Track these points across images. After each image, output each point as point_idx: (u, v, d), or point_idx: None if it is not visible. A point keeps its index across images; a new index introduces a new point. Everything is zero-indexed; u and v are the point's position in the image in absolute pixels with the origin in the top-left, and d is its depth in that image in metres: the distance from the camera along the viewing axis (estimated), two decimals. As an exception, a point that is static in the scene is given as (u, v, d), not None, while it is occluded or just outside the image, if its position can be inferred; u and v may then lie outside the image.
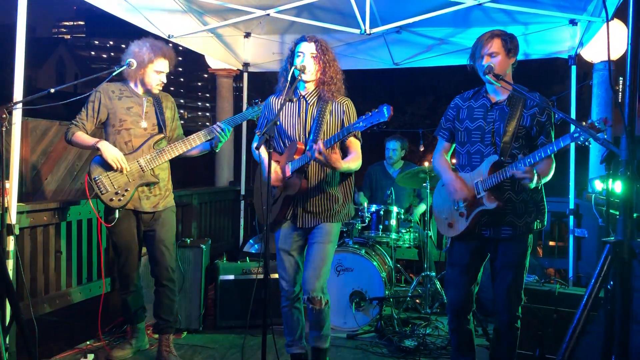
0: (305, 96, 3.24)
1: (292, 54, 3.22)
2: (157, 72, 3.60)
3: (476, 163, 3.06)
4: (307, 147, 3.13)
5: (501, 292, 3.08)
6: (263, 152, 3.20)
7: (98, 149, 3.49)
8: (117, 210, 3.58)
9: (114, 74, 3.47)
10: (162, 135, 3.67)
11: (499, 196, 2.96)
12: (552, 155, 2.88)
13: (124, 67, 3.48)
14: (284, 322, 3.43)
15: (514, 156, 2.95)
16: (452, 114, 3.21)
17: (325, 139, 3.00)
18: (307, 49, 3.17)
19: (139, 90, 3.67)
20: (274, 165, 3.15)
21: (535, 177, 2.79)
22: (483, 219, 3.03)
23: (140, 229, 3.70)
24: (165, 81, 3.66)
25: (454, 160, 3.37)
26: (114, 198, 3.53)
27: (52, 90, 3.12)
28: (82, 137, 3.56)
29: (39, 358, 3.11)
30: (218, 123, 3.65)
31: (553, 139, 2.93)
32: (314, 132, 3.17)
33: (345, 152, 3.27)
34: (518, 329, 3.15)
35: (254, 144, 3.29)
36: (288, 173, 3.17)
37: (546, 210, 3.11)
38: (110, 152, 3.48)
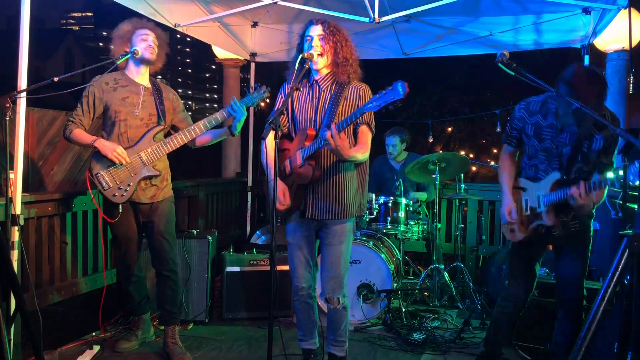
0: (319, 81, 3.10)
1: (301, 40, 3.09)
2: (142, 39, 3.50)
3: (542, 177, 3.11)
4: (320, 132, 2.98)
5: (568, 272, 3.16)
6: (269, 143, 3.09)
7: (95, 148, 3.45)
8: (119, 205, 3.54)
9: (118, 62, 3.42)
10: (161, 127, 3.60)
11: (559, 214, 3.03)
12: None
13: (129, 55, 3.42)
14: (296, 315, 3.37)
15: (581, 171, 2.99)
16: (519, 125, 3.19)
17: (336, 123, 2.84)
18: (315, 32, 3.02)
19: (135, 75, 3.59)
20: (280, 187, 3.07)
21: (590, 201, 2.87)
22: (542, 229, 3.11)
23: (139, 220, 3.67)
24: (152, 44, 3.52)
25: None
26: (116, 193, 3.48)
27: (56, 79, 3.08)
28: (80, 135, 3.50)
29: (43, 349, 3.09)
30: (231, 102, 3.46)
31: (614, 159, 2.96)
32: (327, 116, 3.02)
33: (356, 141, 3.11)
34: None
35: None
36: (299, 161, 3.04)
37: None
38: (107, 147, 3.42)
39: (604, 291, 1.89)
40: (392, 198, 4.89)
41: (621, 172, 2.56)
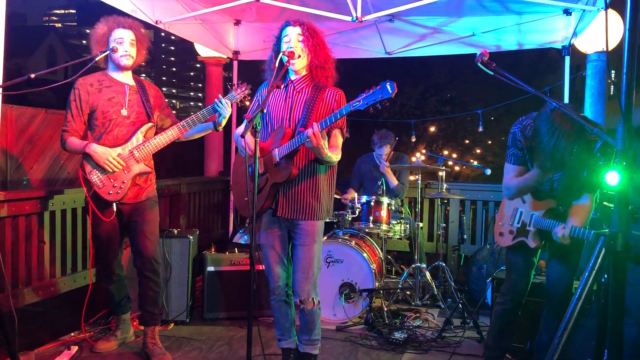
0: (294, 82, 3.07)
1: (278, 41, 3.06)
2: (118, 42, 3.44)
3: (536, 194, 3.15)
4: (297, 132, 2.98)
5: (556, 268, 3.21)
6: (249, 141, 3.01)
7: (87, 154, 3.40)
8: (114, 204, 3.50)
9: (97, 59, 3.37)
10: (151, 124, 3.57)
11: (543, 238, 3.10)
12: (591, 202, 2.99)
13: (107, 51, 3.38)
14: (273, 315, 3.33)
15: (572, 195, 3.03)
16: (522, 143, 3.15)
17: (320, 121, 2.82)
18: (293, 33, 3.00)
19: (117, 75, 3.55)
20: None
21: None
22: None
23: (122, 220, 3.62)
24: (128, 50, 3.46)
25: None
26: (112, 191, 3.43)
27: (32, 76, 3.01)
28: (73, 143, 3.45)
29: (20, 350, 3.05)
30: (216, 100, 3.46)
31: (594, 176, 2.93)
32: (303, 118, 3.00)
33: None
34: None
35: (238, 130, 3.22)
36: (276, 159, 3.00)
37: None
38: (99, 155, 3.37)
39: (580, 290, 1.90)
40: (374, 197, 4.89)
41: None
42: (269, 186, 3.04)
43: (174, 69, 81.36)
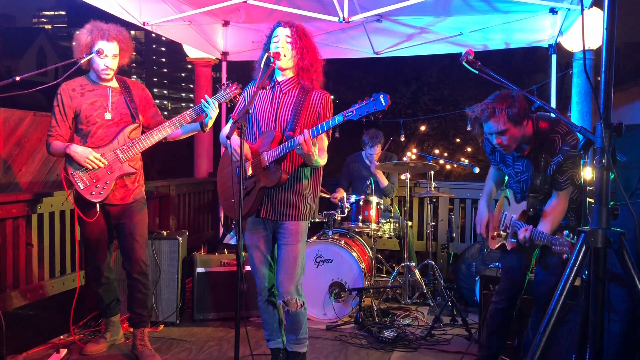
0: (281, 83, 3.06)
1: (268, 40, 3.05)
2: (100, 53, 3.42)
3: (515, 197, 3.22)
4: (286, 136, 2.97)
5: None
6: (234, 140, 3.02)
7: (69, 155, 3.40)
8: (97, 204, 3.49)
9: (81, 62, 3.37)
10: (136, 125, 3.56)
11: (520, 242, 3.06)
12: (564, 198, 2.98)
13: (92, 54, 3.37)
14: (261, 315, 3.33)
15: (543, 197, 3.05)
16: (490, 147, 3.24)
17: (311, 128, 2.80)
18: (282, 34, 2.99)
19: (99, 80, 3.54)
20: (245, 147, 2.95)
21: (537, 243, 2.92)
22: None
23: (110, 222, 3.62)
24: (109, 65, 3.45)
25: None
26: (94, 192, 3.43)
27: (18, 79, 3.01)
28: (57, 145, 3.45)
29: (8, 353, 3.04)
30: (202, 101, 3.47)
31: (570, 179, 2.95)
32: (291, 121, 3.00)
33: None
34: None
35: (224, 131, 3.22)
36: (265, 163, 2.97)
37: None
38: (80, 155, 3.37)
39: (562, 286, 1.92)
40: (363, 197, 4.90)
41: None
42: (257, 190, 3.02)
43: (165, 70, 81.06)
